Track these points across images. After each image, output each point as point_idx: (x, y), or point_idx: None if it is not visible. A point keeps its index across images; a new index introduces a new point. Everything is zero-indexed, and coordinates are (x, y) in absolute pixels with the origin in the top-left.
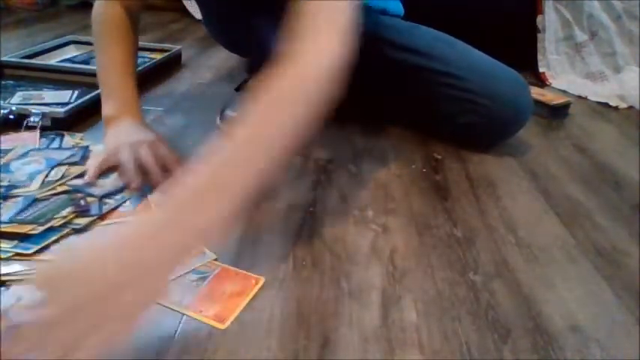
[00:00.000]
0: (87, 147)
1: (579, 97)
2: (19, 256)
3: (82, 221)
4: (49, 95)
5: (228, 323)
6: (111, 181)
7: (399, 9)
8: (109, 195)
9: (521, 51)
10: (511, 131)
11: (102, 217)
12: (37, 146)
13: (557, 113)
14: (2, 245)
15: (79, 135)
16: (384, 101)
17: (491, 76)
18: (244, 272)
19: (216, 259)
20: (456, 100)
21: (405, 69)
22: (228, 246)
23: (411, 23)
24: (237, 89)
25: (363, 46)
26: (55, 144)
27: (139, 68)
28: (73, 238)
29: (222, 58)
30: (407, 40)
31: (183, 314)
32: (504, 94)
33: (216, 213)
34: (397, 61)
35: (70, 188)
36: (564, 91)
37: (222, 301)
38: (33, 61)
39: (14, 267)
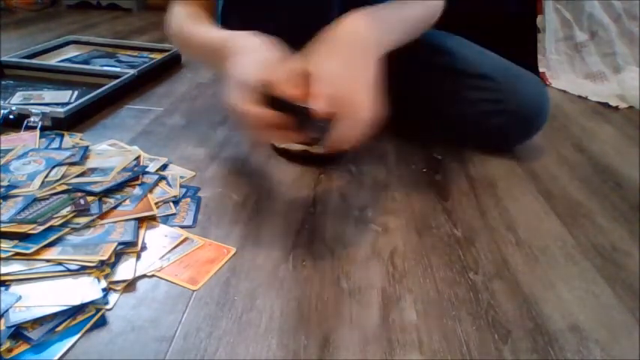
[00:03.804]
0: (87, 147)
1: (579, 97)
2: (19, 256)
3: (82, 220)
4: (49, 95)
5: (199, 285)
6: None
7: None
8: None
9: (521, 51)
10: (535, 131)
11: (102, 215)
12: (37, 146)
13: None
14: (2, 245)
15: (78, 135)
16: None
17: (516, 76)
18: (217, 243)
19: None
20: (484, 102)
21: (433, 70)
22: (228, 245)
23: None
24: None
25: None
26: (55, 144)
27: (139, 68)
28: None
29: None
30: (436, 40)
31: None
32: (530, 94)
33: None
34: (425, 62)
35: (70, 187)
36: (564, 91)
37: (195, 267)
38: (33, 61)
39: (14, 267)
